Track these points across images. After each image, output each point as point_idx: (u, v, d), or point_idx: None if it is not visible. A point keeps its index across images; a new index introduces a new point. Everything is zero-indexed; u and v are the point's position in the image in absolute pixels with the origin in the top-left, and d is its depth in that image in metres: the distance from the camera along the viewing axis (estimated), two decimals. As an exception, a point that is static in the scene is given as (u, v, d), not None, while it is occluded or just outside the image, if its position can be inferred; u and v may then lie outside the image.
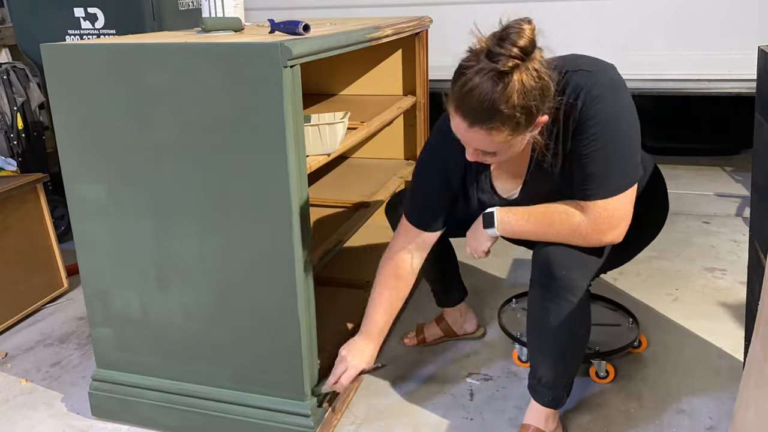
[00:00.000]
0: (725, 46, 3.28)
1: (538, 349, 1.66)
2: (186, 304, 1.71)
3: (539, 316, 1.60)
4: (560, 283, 1.53)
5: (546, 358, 1.65)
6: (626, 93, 1.48)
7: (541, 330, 1.61)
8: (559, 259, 1.53)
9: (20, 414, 1.95)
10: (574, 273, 1.53)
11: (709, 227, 3.12)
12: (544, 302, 1.57)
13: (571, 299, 1.54)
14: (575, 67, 1.47)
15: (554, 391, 1.67)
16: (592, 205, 1.48)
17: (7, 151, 3.01)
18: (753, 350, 1.05)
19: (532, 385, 1.70)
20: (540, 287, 1.57)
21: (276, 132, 1.49)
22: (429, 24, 2.57)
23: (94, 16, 2.84)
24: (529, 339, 1.68)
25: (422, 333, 2.19)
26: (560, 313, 1.55)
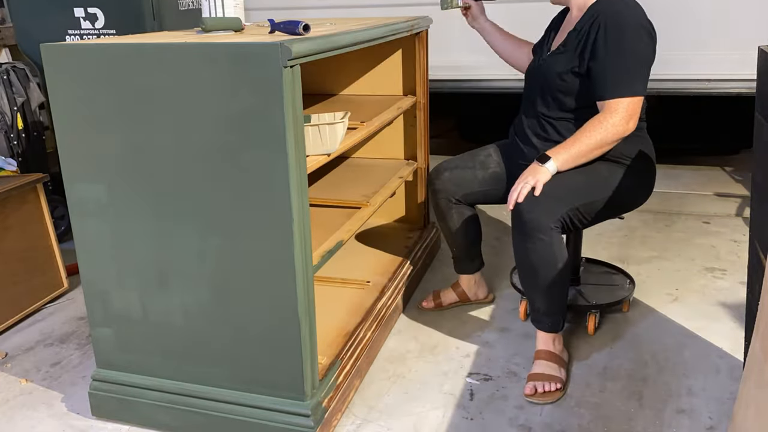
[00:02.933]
0: (725, 46, 3.28)
1: (529, 284, 1.98)
2: (186, 304, 1.71)
3: (521, 256, 1.93)
4: (529, 225, 1.86)
5: (537, 291, 1.96)
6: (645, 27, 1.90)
7: (527, 267, 1.93)
8: (526, 207, 1.86)
9: (20, 414, 1.95)
10: (540, 215, 1.85)
11: (709, 227, 3.12)
12: (521, 243, 1.91)
13: (541, 237, 1.86)
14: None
15: (551, 317, 1.99)
16: (618, 101, 1.85)
17: (7, 151, 3.01)
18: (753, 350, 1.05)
19: (534, 317, 2.02)
20: (516, 231, 1.91)
21: (276, 132, 1.49)
22: (429, 24, 2.57)
23: (94, 16, 2.84)
24: (520, 278, 2.03)
25: (439, 298, 2.41)
26: (535, 250, 1.88)
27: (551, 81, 1.99)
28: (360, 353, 1.99)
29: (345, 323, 2.08)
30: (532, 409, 1.88)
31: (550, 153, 1.90)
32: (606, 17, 1.89)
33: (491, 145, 2.28)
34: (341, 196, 2.24)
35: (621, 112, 1.85)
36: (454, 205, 2.22)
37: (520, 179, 1.91)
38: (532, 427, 1.80)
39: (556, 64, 1.99)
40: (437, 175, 2.23)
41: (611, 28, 1.87)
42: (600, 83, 1.89)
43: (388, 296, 2.27)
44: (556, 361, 1.98)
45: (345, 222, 2.03)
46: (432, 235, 2.83)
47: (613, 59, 1.86)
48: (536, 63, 2.12)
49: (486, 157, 2.23)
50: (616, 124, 1.86)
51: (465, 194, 2.21)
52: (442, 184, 2.21)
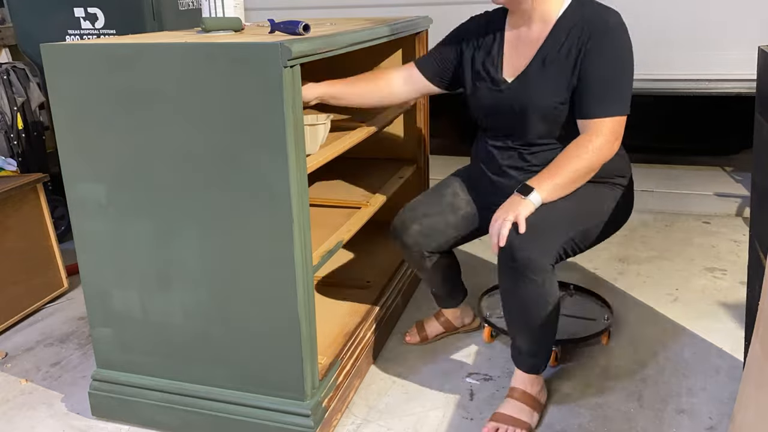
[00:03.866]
0: (725, 46, 3.28)
1: (514, 324, 1.80)
2: (186, 304, 1.70)
3: (509, 296, 1.75)
4: (522, 264, 1.65)
5: (522, 332, 1.79)
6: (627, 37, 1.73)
7: (514, 308, 1.76)
8: (519, 243, 1.64)
9: (20, 414, 1.95)
10: (534, 254, 1.64)
11: (709, 227, 3.12)
12: (510, 283, 1.71)
13: (533, 278, 1.66)
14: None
15: (534, 358, 1.82)
16: (603, 120, 1.68)
17: (7, 151, 3.01)
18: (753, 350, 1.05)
19: (514, 354, 1.85)
20: (505, 269, 1.70)
21: (276, 132, 1.49)
22: (429, 24, 2.57)
23: (94, 16, 2.84)
24: (505, 315, 1.81)
25: (423, 330, 2.21)
26: (527, 292, 1.69)
27: (536, 112, 1.74)
28: (360, 353, 1.99)
29: (345, 323, 2.08)
30: (532, 409, 1.87)
31: (532, 183, 1.68)
32: (593, 27, 1.69)
33: (453, 178, 2.03)
34: (341, 196, 2.24)
35: (606, 133, 1.68)
36: (428, 256, 1.97)
37: (498, 214, 1.68)
38: (532, 427, 1.80)
39: (538, 91, 1.73)
40: (404, 230, 1.94)
41: (604, 38, 1.68)
42: (585, 100, 1.70)
43: (388, 296, 2.27)
44: (530, 403, 1.80)
45: (345, 222, 2.03)
46: (432, 235, 2.83)
47: (603, 74, 1.68)
48: (492, 91, 1.81)
49: (453, 197, 1.95)
50: (602, 146, 1.68)
51: (438, 245, 1.94)
52: (412, 238, 1.93)
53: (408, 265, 2.47)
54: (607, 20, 1.69)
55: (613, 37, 1.69)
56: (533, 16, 1.76)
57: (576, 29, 1.70)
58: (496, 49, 1.83)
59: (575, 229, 1.73)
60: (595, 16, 1.71)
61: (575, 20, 1.71)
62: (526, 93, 1.75)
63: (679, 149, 4.21)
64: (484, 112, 1.86)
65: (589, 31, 1.68)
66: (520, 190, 1.69)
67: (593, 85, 1.68)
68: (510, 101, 1.78)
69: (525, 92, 1.75)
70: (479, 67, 1.85)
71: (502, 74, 1.80)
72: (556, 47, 1.72)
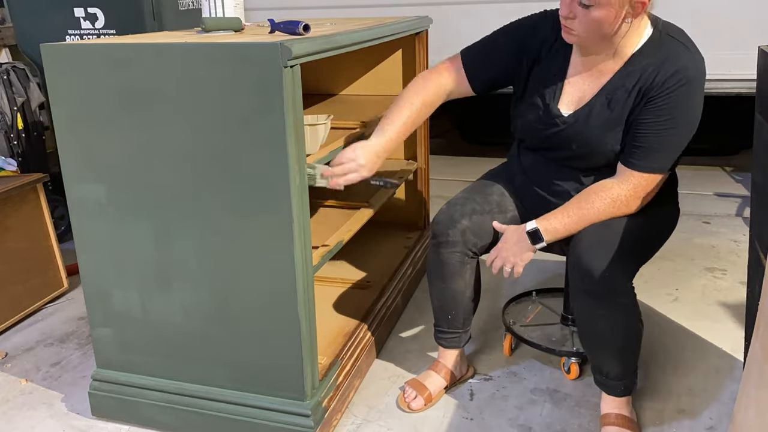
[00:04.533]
0: (725, 46, 3.28)
1: (599, 352, 1.67)
2: (186, 304, 1.70)
3: (592, 324, 1.61)
4: (604, 286, 1.53)
5: (609, 357, 1.66)
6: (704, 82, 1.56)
7: (597, 335, 1.63)
8: (598, 262, 1.53)
9: (20, 414, 1.95)
10: (616, 273, 1.53)
11: (709, 227, 3.12)
12: (593, 309, 1.58)
13: (620, 301, 1.56)
14: (673, 33, 1.58)
15: (625, 380, 1.69)
16: (637, 174, 1.56)
17: (7, 151, 3.01)
18: (753, 350, 1.05)
19: (600, 381, 1.72)
20: (585, 295, 1.58)
21: (276, 132, 1.49)
22: (429, 24, 2.57)
23: (94, 16, 2.84)
24: (586, 345, 1.70)
25: (425, 389, 1.89)
26: (612, 318, 1.57)
27: (596, 149, 1.62)
28: (360, 353, 1.99)
29: (345, 323, 2.08)
30: (532, 409, 1.87)
31: (543, 229, 1.60)
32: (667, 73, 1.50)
33: (494, 180, 1.87)
34: (341, 196, 2.24)
35: (632, 186, 1.57)
36: (470, 260, 1.79)
37: (498, 251, 1.64)
38: (532, 427, 1.80)
39: (602, 133, 1.59)
40: (452, 224, 1.74)
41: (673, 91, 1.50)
42: (627, 146, 1.57)
43: (388, 296, 2.27)
44: (628, 425, 1.69)
45: (345, 222, 2.03)
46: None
47: (649, 127, 1.53)
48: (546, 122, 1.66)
49: (500, 197, 1.82)
50: (623, 200, 1.57)
51: (485, 245, 1.77)
52: (460, 235, 1.74)
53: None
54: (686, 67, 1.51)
55: (687, 90, 1.51)
56: (606, 51, 1.58)
57: (649, 69, 1.53)
58: (558, 74, 1.65)
59: (640, 240, 1.63)
60: (674, 57, 1.52)
61: (651, 59, 1.54)
62: (587, 132, 1.61)
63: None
64: (537, 140, 1.72)
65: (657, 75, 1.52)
66: (531, 233, 1.61)
67: (638, 134, 1.55)
68: (568, 138, 1.64)
69: (585, 131, 1.62)
70: (534, 88, 1.68)
71: (558, 105, 1.65)
72: (624, 87, 1.56)
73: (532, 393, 1.94)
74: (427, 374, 1.94)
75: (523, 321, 2.17)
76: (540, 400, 1.91)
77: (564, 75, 1.65)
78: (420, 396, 1.88)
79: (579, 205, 1.60)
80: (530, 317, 2.19)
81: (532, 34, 1.69)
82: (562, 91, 1.65)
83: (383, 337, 2.21)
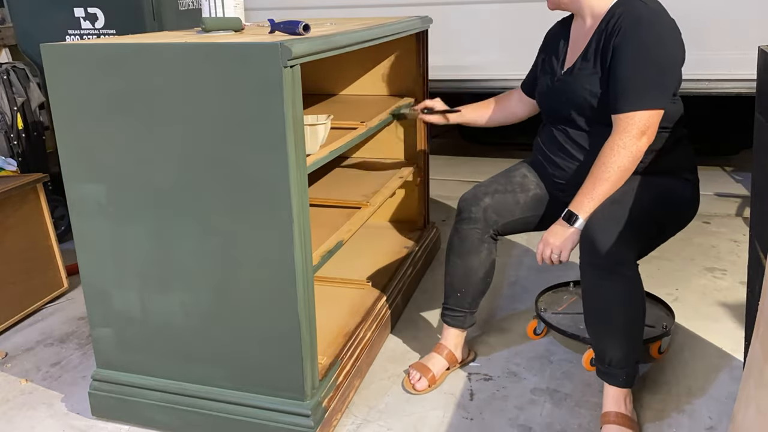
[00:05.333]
0: (725, 46, 3.28)
1: (602, 331, 1.72)
2: (186, 304, 1.71)
3: (595, 296, 1.68)
4: (610, 258, 1.60)
5: (612, 338, 1.70)
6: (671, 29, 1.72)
7: (601, 310, 1.68)
8: (601, 236, 1.62)
9: (20, 414, 1.95)
10: (621, 247, 1.60)
11: (709, 227, 3.12)
12: (597, 281, 1.65)
13: (625, 273, 1.62)
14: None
15: (626, 369, 1.72)
16: (622, 116, 1.68)
17: (7, 151, 3.01)
18: (753, 350, 1.05)
19: (603, 370, 1.75)
20: (591, 267, 1.65)
21: (276, 132, 1.49)
22: (429, 24, 2.57)
23: (94, 16, 2.84)
24: (590, 324, 1.74)
25: (428, 370, 1.97)
26: (616, 288, 1.63)
27: (581, 99, 1.78)
28: (360, 353, 1.99)
29: (345, 323, 2.08)
30: (532, 409, 1.87)
31: (574, 209, 1.70)
32: (624, 22, 1.69)
33: (521, 164, 2.04)
34: (341, 196, 2.24)
35: (631, 129, 1.66)
36: (488, 238, 1.91)
37: (544, 242, 1.74)
38: (532, 427, 1.80)
39: (582, 82, 1.78)
40: (475, 201, 1.90)
41: (630, 33, 1.67)
42: (612, 96, 1.70)
43: (388, 296, 2.27)
44: (628, 425, 1.71)
45: (345, 222, 2.03)
46: (432, 235, 2.83)
47: (629, 68, 1.67)
48: (550, 83, 1.90)
49: (522, 177, 1.97)
50: (627, 144, 1.66)
51: (505, 223, 1.91)
52: (482, 212, 1.88)
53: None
54: (640, 14, 1.69)
55: (642, 30, 1.68)
56: (585, 13, 1.83)
57: (612, 21, 1.73)
58: (561, 47, 1.92)
59: (649, 218, 1.71)
60: (631, 9, 1.71)
61: (616, 13, 1.73)
62: (571, 82, 1.82)
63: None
64: (540, 99, 1.97)
65: (620, 25, 1.70)
66: (565, 216, 1.72)
67: (618, 79, 1.69)
68: (560, 90, 1.86)
69: (570, 81, 1.82)
70: (547, 59, 1.96)
71: (562, 68, 1.89)
72: (596, 40, 1.76)
73: (532, 393, 1.94)
74: (430, 356, 2.02)
75: (555, 309, 2.20)
76: (540, 400, 1.91)
77: (567, 45, 1.92)
78: (424, 377, 1.96)
79: (595, 173, 1.70)
80: (564, 306, 2.22)
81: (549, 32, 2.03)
82: (565, 58, 1.90)
83: (383, 337, 2.21)
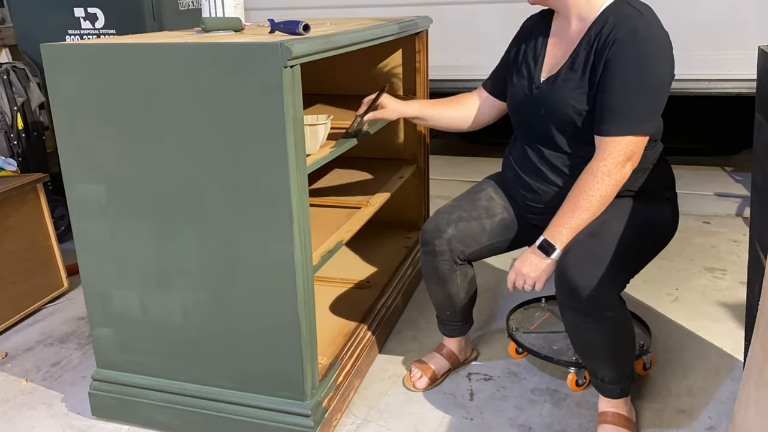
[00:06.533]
0: (725, 46, 3.28)
1: (592, 361, 1.70)
2: (186, 304, 1.71)
3: (579, 337, 1.64)
4: (591, 302, 1.53)
5: (601, 366, 1.69)
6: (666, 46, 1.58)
7: (588, 347, 1.66)
8: (583, 280, 1.53)
9: (20, 414, 1.95)
10: (602, 290, 1.53)
11: (709, 227, 3.12)
12: (579, 323, 1.60)
13: (607, 315, 1.56)
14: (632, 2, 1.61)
15: (621, 383, 1.71)
16: (609, 140, 1.56)
17: (7, 151, 3.01)
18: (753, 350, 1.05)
19: (597, 384, 1.74)
20: (572, 310, 1.59)
21: (276, 132, 1.49)
22: (429, 24, 2.57)
23: (94, 16, 2.84)
24: (578, 352, 1.72)
25: (429, 368, 1.98)
26: (600, 330, 1.58)
27: (562, 115, 1.64)
28: (360, 353, 1.99)
29: (345, 323, 2.08)
30: (532, 409, 1.87)
31: (551, 239, 1.59)
32: (619, 33, 1.54)
33: (486, 182, 1.91)
34: (341, 196, 2.24)
35: (615, 154, 1.55)
36: (459, 266, 1.82)
37: (517, 272, 1.63)
38: (532, 427, 1.80)
39: (565, 95, 1.63)
40: (437, 233, 1.79)
41: (626, 48, 1.53)
42: (598, 116, 1.57)
43: (388, 296, 2.27)
44: (625, 424, 1.71)
45: (345, 222, 2.03)
46: (432, 235, 2.83)
47: (621, 88, 1.54)
48: (527, 91, 1.72)
49: (488, 201, 1.84)
50: (611, 171, 1.55)
51: (472, 252, 1.81)
52: (446, 244, 1.78)
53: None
54: (636, 27, 1.53)
55: (638, 46, 1.53)
56: (571, 14, 1.66)
57: (605, 31, 1.57)
58: (540, 46, 1.74)
59: (631, 250, 1.61)
60: (625, 20, 1.55)
61: (608, 21, 1.57)
62: (552, 94, 1.65)
63: (679, 149, 4.21)
64: (514, 108, 1.79)
65: (613, 38, 1.55)
66: (540, 246, 1.61)
67: (608, 99, 1.56)
68: (538, 101, 1.69)
69: (551, 93, 1.66)
70: (522, 60, 1.77)
71: (540, 73, 1.71)
72: (585, 49, 1.61)
73: (532, 393, 1.94)
74: (432, 356, 2.03)
75: (527, 327, 2.10)
76: (540, 400, 1.91)
77: (545, 47, 1.74)
78: (425, 376, 1.98)
79: (574, 200, 1.60)
80: (536, 324, 2.14)
81: (521, 28, 1.85)
82: (544, 59, 1.73)
83: (383, 337, 2.21)
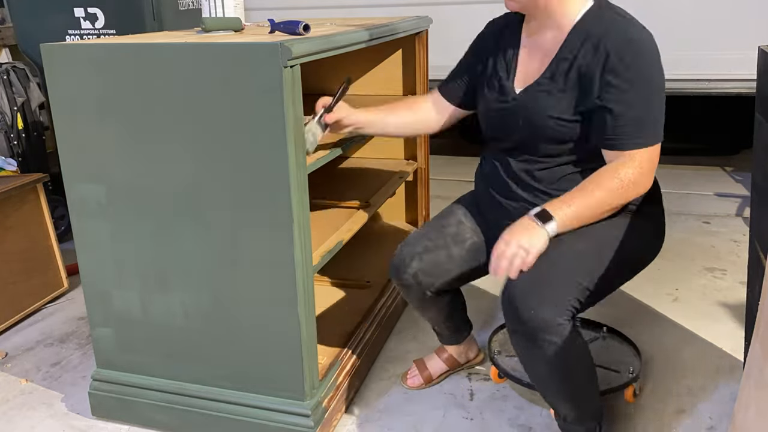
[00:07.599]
0: (725, 46, 3.28)
1: (546, 391, 1.58)
2: (186, 304, 1.70)
3: (528, 362, 1.52)
4: (532, 325, 1.40)
5: (557, 398, 1.57)
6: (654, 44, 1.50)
7: (538, 375, 1.53)
8: (525, 299, 1.41)
9: (20, 414, 1.95)
10: (544, 312, 1.39)
11: (709, 227, 3.12)
12: (524, 349, 1.48)
13: (552, 340, 1.40)
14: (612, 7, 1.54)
15: (584, 425, 1.60)
16: (641, 151, 1.48)
17: (7, 151, 3.01)
18: (753, 350, 1.05)
19: (561, 425, 1.63)
20: (515, 334, 1.47)
21: (276, 132, 1.49)
22: (429, 24, 2.57)
23: (94, 16, 2.84)
24: (532, 381, 1.59)
25: (426, 369, 1.99)
26: (548, 359, 1.43)
27: (539, 126, 1.54)
28: (360, 353, 1.99)
29: (345, 323, 2.08)
30: (532, 409, 1.87)
31: (550, 208, 1.45)
32: (615, 45, 1.45)
33: (456, 206, 1.81)
34: (341, 196, 2.24)
35: (641, 164, 1.47)
36: (430, 297, 1.76)
37: (506, 239, 1.44)
38: (532, 427, 1.80)
39: (544, 105, 1.53)
40: (403, 268, 1.71)
41: (627, 60, 1.44)
42: (614, 131, 1.48)
43: (388, 296, 2.27)
44: None
45: (345, 222, 2.03)
46: (432, 235, 2.83)
47: (632, 104, 1.46)
48: (503, 102, 1.62)
49: (457, 225, 1.74)
50: (636, 179, 1.47)
51: (442, 283, 1.72)
52: (413, 278, 1.70)
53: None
54: (629, 36, 1.46)
55: (639, 57, 1.46)
56: (547, 22, 1.56)
57: (591, 42, 1.48)
58: (511, 55, 1.64)
59: (591, 276, 1.48)
60: (614, 28, 1.48)
61: (592, 31, 1.49)
62: (531, 105, 1.56)
63: (679, 149, 4.21)
64: (489, 122, 1.68)
65: (607, 49, 1.46)
66: (538, 215, 1.45)
67: (622, 117, 1.47)
68: (515, 112, 1.59)
69: (530, 104, 1.56)
70: (491, 72, 1.67)
71: (513, 84, 1.62)
72: (567, 59, 1.52)
73: (532, 393, 1.94)
74: (431, 357, 2.03)
75: (510, 351, 2.00)
76: (540, 400, 1.91)
77: (516, 56, 1.64)
78: (419, 376, 1.99)
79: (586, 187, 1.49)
80: None
81: (484, 35, 1.75)
82: (516, 70, 1.63)
83: (383, 337, 2.21)
